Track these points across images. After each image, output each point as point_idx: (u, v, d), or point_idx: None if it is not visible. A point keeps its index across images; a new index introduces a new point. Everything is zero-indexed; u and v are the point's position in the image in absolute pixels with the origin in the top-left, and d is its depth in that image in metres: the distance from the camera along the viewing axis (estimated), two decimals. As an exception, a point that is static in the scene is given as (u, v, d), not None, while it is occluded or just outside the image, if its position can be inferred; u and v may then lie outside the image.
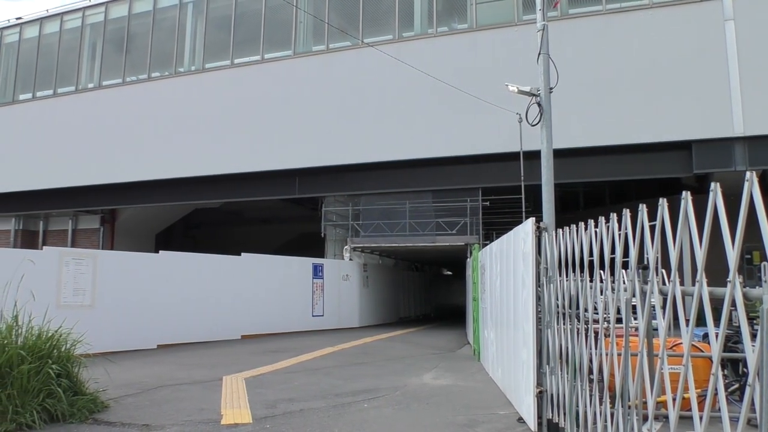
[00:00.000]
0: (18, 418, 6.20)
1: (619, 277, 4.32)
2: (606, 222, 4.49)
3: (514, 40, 17.53)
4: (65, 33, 25.66)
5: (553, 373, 5.94)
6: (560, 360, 5.74)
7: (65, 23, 25.66)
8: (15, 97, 26.40)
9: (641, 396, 3.93)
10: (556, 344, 5.84)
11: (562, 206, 19.79)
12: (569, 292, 5.42)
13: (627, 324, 4.22)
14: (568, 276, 5.46)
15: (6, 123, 26.03)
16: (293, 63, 21.03)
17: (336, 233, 21.76)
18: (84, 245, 25.54)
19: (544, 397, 6.14)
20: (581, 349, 5.10)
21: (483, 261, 11.59)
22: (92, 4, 25.09)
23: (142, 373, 9.90)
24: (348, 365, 11.38)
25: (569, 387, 5.42)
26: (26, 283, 7.22)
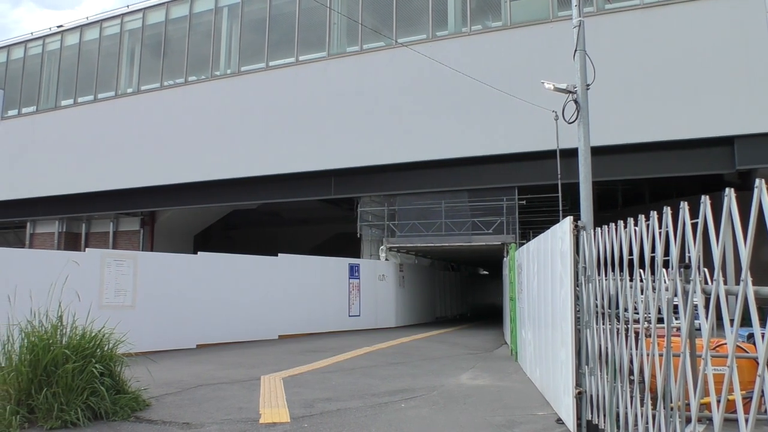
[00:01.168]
0: (63, 415, 6.34)
1: (660, 276, 4.23)
2: (646, 220, 4.41)
3: (550, 37, 17.34)
4: (104, 40, 26.20)
5: (593, 374, 5.85)
6: (600, 360, 5.66)
7: (104, 30, 26.21)
8: (57, 103, 27.06)
9: (684, 397, 3.85)
10: (595, 344, 5.76)
11: (600, 204, 19.48)
12: (608, 292, 5.34)
13: (668, 324, 4.14)
14: (607, 275, 5.38)
15: (49, 129, 26.70)
16: (327, 64, 21.13)
17: (372, 233, 21.80)
18: (125, 247, 26.07)
19: (584, 398, 6.05)
20: (621, 349, 5.01)
21: (520, 260, 11.48)
22: (130, 11, 25.58)
23: (182, 372, 10.04)
24: (385, 365, 11.39)
25: (609, 388, 5.34)
26: (70, 284, 7.37)
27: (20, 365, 6.49)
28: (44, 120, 27.12)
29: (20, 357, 6.57)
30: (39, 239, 29.18)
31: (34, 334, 6.75)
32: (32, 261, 11.71)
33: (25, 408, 6.38)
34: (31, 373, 6.46)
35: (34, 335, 6.73)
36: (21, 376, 6.44)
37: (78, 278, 8.39)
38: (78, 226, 28.87)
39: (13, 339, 6.71)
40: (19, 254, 14.16)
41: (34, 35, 28.24)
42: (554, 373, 7.20)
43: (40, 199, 26.86)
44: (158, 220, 27.57)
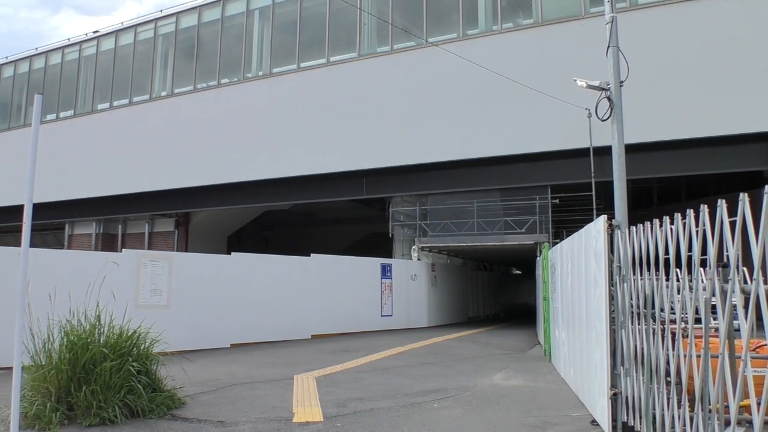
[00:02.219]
0: (101, 413, 6.46)
1: (697, 275, 4.16)
2: (682, 218, 4.34)
3: (582, 33, 17.14)
4: (139, 44, 26.64)
5: (628, 375, 5.77)
6: (635, 361, 5.58)
7: (139, 35, 26.64)
8: (94, 107, 27.59)
9: (723, 400, 3.78)
10: (630, 345, 5.68)
11: (635, 203, 19.22)
12: (644, 292, 5.26)
13: (706, 324, 4.07)
14: (642, 275, 5.30)
15: (86, 132, 27.24)
16: (358, 65, 21.18)
17: (404, 233, 21.79)
18: (160, 247, 26.47)
19: (619, 400, 5.97)
20: (658, 350, 4.94)
21: (553, 260, 11.38)
22: (163, 15, 25.96)
23: (216, 371, 10.16)
24: (417, 365, 11.38)
25: (645, 389, 5.26)
26: (107, 284, 7.51)
27: (60, 363, 6.63)
28: (81, 124, 27.67)
29: (60, 355, 6.71)
30: (77, 240, 29.80)
31: (73, 333, 6.89)
32: (71, 261, 11.97)
33: (65, 405, 6.52)
34: (70, 371, 6.59)
35: (73, 334, 6.87)
36: (61, 374, 6.58)
37: (115, 278, 8.53)
38: (114, 227, 29.40)
39: (53, 338, 6.87)
40: (59, 255, 14.49)
41: (71, 41, 28.81)
42: (589, 374, 7.12)
43: (77, 201, 27.43)
44: (192, 221, 27.93)
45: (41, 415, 6.35)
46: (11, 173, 26.71)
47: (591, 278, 6.82)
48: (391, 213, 21.33)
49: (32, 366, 6.72)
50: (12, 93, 30.61)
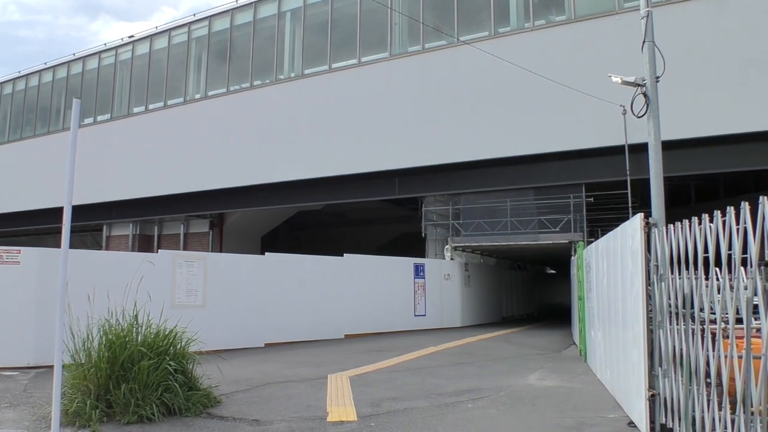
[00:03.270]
0: (139, 410, 6.58)
1: (737, 274, 4.07)
2: (722, 216, 4.24)
3: (616, 29, 16.89)
4: (173, 48, 27.02)
5: (667, 376, 5.67)
6: (674, 362, 5.48)
7: (173, 38, 27.03)
8: (130, 110, 28.07)
9: (765, 402, 3.69)
10: (668, 345, 5.58)
11: (672, 201, 18.84)
12: (682, 291, 5.16)
13: (748, 324, 3.97)
14: (680, 274, 5.20)
15: (123, 135, 27.72)
16: (389, 65, 21.18)
17: (436, 233, 21.73)
18: (195, 248, 26.81)
19: (657, 401, 5.87)
20: (697, 350, 4.84)
21: (588, 259, 11.23)
22: (197, 19, 26.30)
23: (251, 370, 10.25)
24: (451, 365, 11.34)
25: (684, 391, 5.16)
26: (144, 285, 7.63)
27: (99, 362, 6.76)
28: (118, 127, 28.17)
29: (99, 354, 6.85)
30: (114, 241, 30.35)
31: (111, 332, 7.02)
32: (109, 262, 12.20)
33: (104, 403, 6.65)
34: (109, 369, 6.72)
35: (111, 333, 7.00)
36: (100, 372, 6.71)
37: (151, 279, 8.67)
38: (150, 228, 29.86)
39: (92, 337, 7.00)
40: (97, 256, 14.78)
41: (107, 46, 29.37)
42: (626, 375, 7.01)
43: (115, 203, 27.93)
44: (226, 222, 28.23)
45: (81, 413, 6.49)
46: (51, 176, 27.33)
47: (627, 277, 6.72)
48: (423, 212, 21.28)
49: (72, 364, 6.86)
50: (51, 98, 31.30)
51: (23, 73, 32.53)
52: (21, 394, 8.29)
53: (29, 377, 9.65)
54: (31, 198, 29.95)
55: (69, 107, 28.85)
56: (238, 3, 24.87)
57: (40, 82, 31.79)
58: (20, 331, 10.61)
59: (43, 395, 7.82)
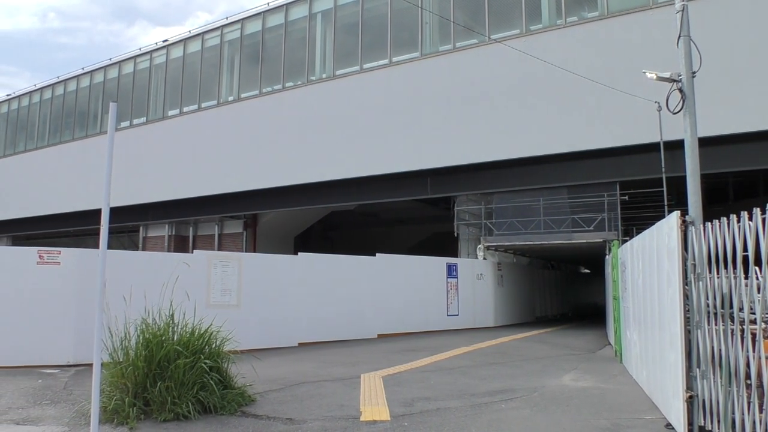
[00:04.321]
0: (176, 408, 6.68)
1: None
2: (762, 213, 4.15)
3: (650, 24, 16.62)
4: (206, 51, 27.36)
5: (705, 377, 5.57)
6: (712, 363, 5.38)
7: (206, 42, 27.37)
8: (164, 113, 28.49)
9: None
10: (707, 346, 5.48)
11: (709, 198, 18.47)
12: (721, 291, 5.07)
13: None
14: (719, 273, 5.11)
15: (158, 138, 28.17)
16: (420, 64, 21.15)
17: (469, 232, 21.63)
18: (229, 248, 27.10)
19: (695, 403, 5.77)
20: (737, 351, 4.75)
21: (623, 258, 11.08)
22: (229, 22, 26.58)
23: (284, 369, 10.33)
24: (484, 365, 11.28)
25: (723, 392, 5.07)
26: (180, 284, 7.74)
27: (136, 360, 6.88)
28: (153, 130, 28.62)
29: (136, 352, 6.97)
30: (150, 242, 30.84)
31: (148, 331, 7.14)
32: (145, 262, 12.39)
33: (141, 400, 6.76)
34: (146, 367, 6.83)
35: (148, 332, 7.12)
36: (137, 371, 6.82)
37: (187, 279, 8.80)
38: (186, 229, 30.28)
39: (129, 335, 7.13)
40: (134, 256, 15.02)
41: (142, 50, 29.85)
42: (662, 376, 6.90)
43: (151, 204, 28.40)
44: (260, 223, 28.48)
45: (119, 410, 6.61)
46: (90, 179, 27.90)
47: (664, 277, 6.62)
48: (456, 212, 21.19)
49: (111, 363, 6.99)
50: (89, 102, 31.94)
51: (62, 79, 33.24)
52: (61, 391, 8.48)
53: (69, 375, 9.86)
54: (70, 200, 30.62)
55: (106, 111, 29.45)
56: (270, 6, 25.07)
57: (78, 87, 32.47)
58: (61, 330, 10.84)
59: (82, 392, 7.99)
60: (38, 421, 6.74)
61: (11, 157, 35.79)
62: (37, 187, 33.36)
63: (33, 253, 11.11)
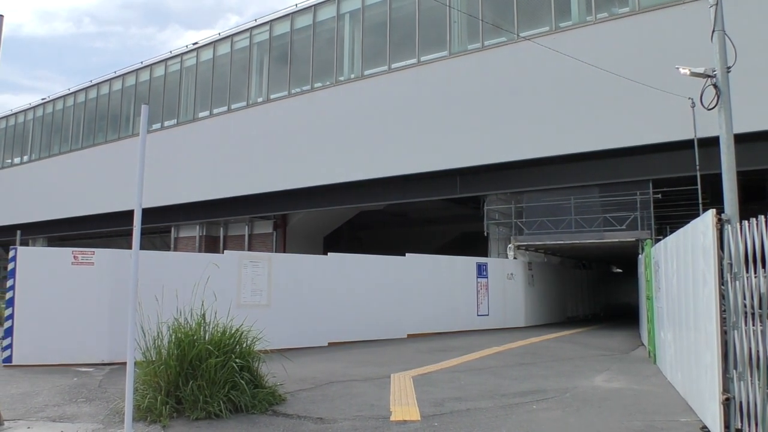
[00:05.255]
0: (207, 407, 6.75)
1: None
2: (801, 211, 4.05)
3: (683, 19, 16.33)
4: (235, 53, 27.60)
5: (742, 379, 5.45)
6: (750, 365, 5.26)
7: (235, 44, 27.60)
8: (195, 115, 28.81)
9: None
10: (744, 347, 5.36)
11: (745, 196, 18.04)
12: (759, 290, 4.95)
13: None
14: (756, 272, 4.99)
15: (189, 139, 28.50)
16: (449, 63, 21.07)
17: (499, 232, 21.49)
18: (259, 249, 27.29)
19: (732, 405, 5.65)
20: (775, 352, 4.63)
21: (656, 257, 10.91)
22: (258, 24, 26.77)
23: (315, 369, 10.37)
24: (514, 365, 11.19)
25: (762, 395, 4.95)
26: (211, 284, 7.82)
27: (169, 359, 6.96)
28: (184, 131, 28.96)
29: (169, 351, 7.05)
30: (182, 242, 31.21)
31: (180, 330, 7.23)
32: (177, 263, 12.52)
33: (174, 399, 6.84)
34: (178, 366, 6.91)
35: (180, 332, 7.21)
36: (170, 369, 6.91)
37: (218, 279, 8.88)
38: (216, 229, 30.58)
39: (162, 335, 7.22)
40: (166, 257, 15.21)
41: (173, 53, 30.23)
42: (698, 378, 6.78)
43: (182, 205, 28.74)
44: (289, 223, 28.64)
45: (152, 408, 6.69)
46: (122, 180, 28.31)
47: (699, 276, 6.50)
48: (485, 211, 21.06)
49: (144, 361, 7.09)
50: (121, 105, 32.44)
51: (95, 82, 33.83)
52: (96, 389, 8.63)
53: (103, 373, 10.02)
54: (103, 201, 31.13)
55: (138, 113, 29.86)
56: (298, 7, 25.20)
57: (111, 90, 33.00)
58: (95, 329, 11.03)
59: (116, 391, 8.12)
60: (74, 419, 6.86)
61: (47, 160, 36.53)
62: (72, 188, 34.00)
63: (68, 254, 11.32)
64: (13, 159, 39.97)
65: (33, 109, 38.10)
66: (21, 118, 39.03)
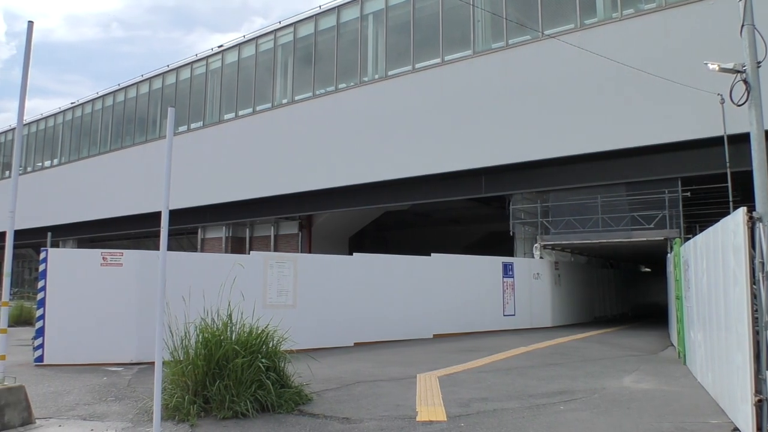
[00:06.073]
0: (234, 406, 6.80)
1: None
2: (835, 209, 3.96)
3: (711, 14, 16.08)
4: (260, 55, 27.78)
5: (775, 380, 5.34)
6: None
7: (260, 46, 27.78)
8: (221, 117, 29.06)
9: None
10: (777, 347, 5.26)
11: (778, 193, 17.75)
12: (791, 289, 4.85)
13: None
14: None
15: (215, 141, 28.75)
16: (473, 62, 20.98)
17: (525, 231, 21.35)
18: (285, 249, 27.47)
19: (764, 407, 5.54)
20: (809, 352, 4.54)
21: (686, 256, 10.75)
22: (282, 26, 26.92)
23: (340, 369, 10.39)
24: (541, 366, 11.11)
25: (796, 395, 4.85)
26: (237, 285, 7.87)
27: (196, 359, 7.03)
28: (210, 134, 29.22)
29: (196, 351, 7.12)
30: (209, 243, 31.51)
31: (207, 330, 7.29)
32: (204, 264, 12.63)
33: (201, 398, 6.91)
34: (205, 366, 6.98)
35: (207, 332, 7.27)
36: (197, 369, 6.98)
37: (244, 279, 8.94)
38: (242, 230, 30.83)
39: (189, 335, 7.29)
40: (192, 258, 15.37)
41: (198, 56, 30.52)
42: (729, 379, 6.66)
43: (208, 206, 29.00)
44: (315, 224, 28.76)
45: (180, 407, 6.77)
46: (149, 182, 28.66)
47: (730, 276, 6.39)
48: (511, 211, 20.93)
49: (172, 361, 7.16)
50: (147, 108, 32.84)
51: (122, 86, 34.29)
52: (125, 388, 8.74)
53: (132, 373, 10.15)
54: (131, 203, 31.53)
55: (164, 116, 30.22)
56: (322, 8, 25.29)
57: (138, 93, 33.42)
58: (124, 329, 11.18)
59: (145, 390, 8.22)
60: (104, 417, 6.95)
61: (75, 163, 37.13)
62: (100, 191, 34.49)
63: (97, 255, 11.49)
64: (43, 162, 40.68)
65: (62, 113, 38.77)
66: (51, 122, 39.72)
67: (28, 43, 6.85)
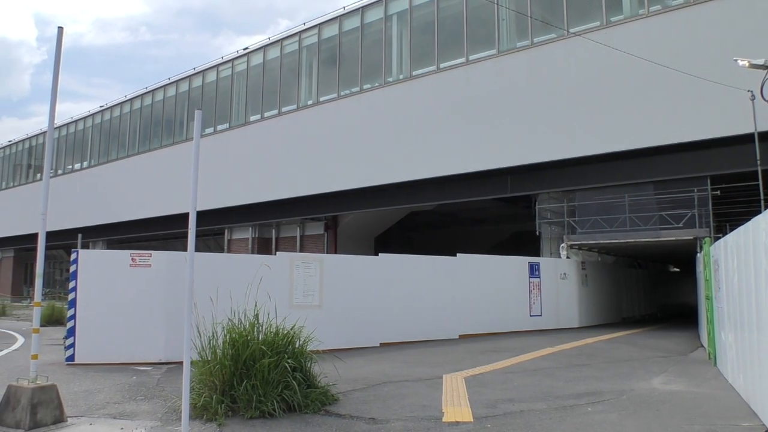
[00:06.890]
0: (261, 406, 6.85)
1: None
2: None
3: (741, 10, 15.81)
4: (285, 57, 27.96)
5: (809, 381, 5.24)
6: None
7: (284, 48, 27.96)
8: (246, 119, 29.30)
9: None
10: (810, 348, 5.16)
11: (811, 192, 17.42)
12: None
13: None
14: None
15: (241, 143, 28.99)
16: (498, 61, 20.88)
17: (551, 231, 21.19)
18: (311, 250, 27.58)
19: (799, 408, 5.44)
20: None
21: (716, 256, 10.58)
22: (306, 28, 27.06)
23: (367, 369, 10.40)
24: (568, 367, 11.02)
25: (830, 397, 4.75)
26: (264, 285, 7.93)
27: (223, 359, 7.09)
28: (236, 135, 29.47)
29: (223, 351, 7.19)
30: (235, 244, 31.78)
31: (234, 331, 7.36)
32: (231, 264, 12.74)
33: (229, 398, 6.97)
34: (232, 366, 7.04)
35: (234, 332, 7.34)
36: (224, 369, 7.04)
37: (270, 280, 8.98)
38: (269, 231, 31.03)
39: (216, 335, 7.36)
40: (220, 258, 15.51)
41: (224, 59, 30.80)
42: (761, 381, 6.54)
43: (235, 208, 29.26)
44: (340, 224, 28.84)
45: (208, 407, 6.83)
46: (177, 184, 28.99)
47: (761, 275, 6.28)
48: (537, 210, 20.79)
49: (199, 361, 7.24)
50: (175, 110, 33.23)
51: (150, 89, 34.74)
52: (154, 387, 8.85)
53: (161, 372, 10.28)
54: (159, 205, 31.95)
55: (191, 118, 30.53)
56: (346, 9, 25.38)
57: (165, 96, 33.84)
58: (152, 329, 11.31)
59: (173, 389, 8.31)
60: (133, 416, 7.05)
61: (104, 165, 37.72)
62: (129, 193, 35.00)
63: (126, 256, 11.64)
64: (73, 165, 41.39)
65: (92, 116, 39.42)
66: (81, 126, 40.41)
67: (58, 48, 6.96)
